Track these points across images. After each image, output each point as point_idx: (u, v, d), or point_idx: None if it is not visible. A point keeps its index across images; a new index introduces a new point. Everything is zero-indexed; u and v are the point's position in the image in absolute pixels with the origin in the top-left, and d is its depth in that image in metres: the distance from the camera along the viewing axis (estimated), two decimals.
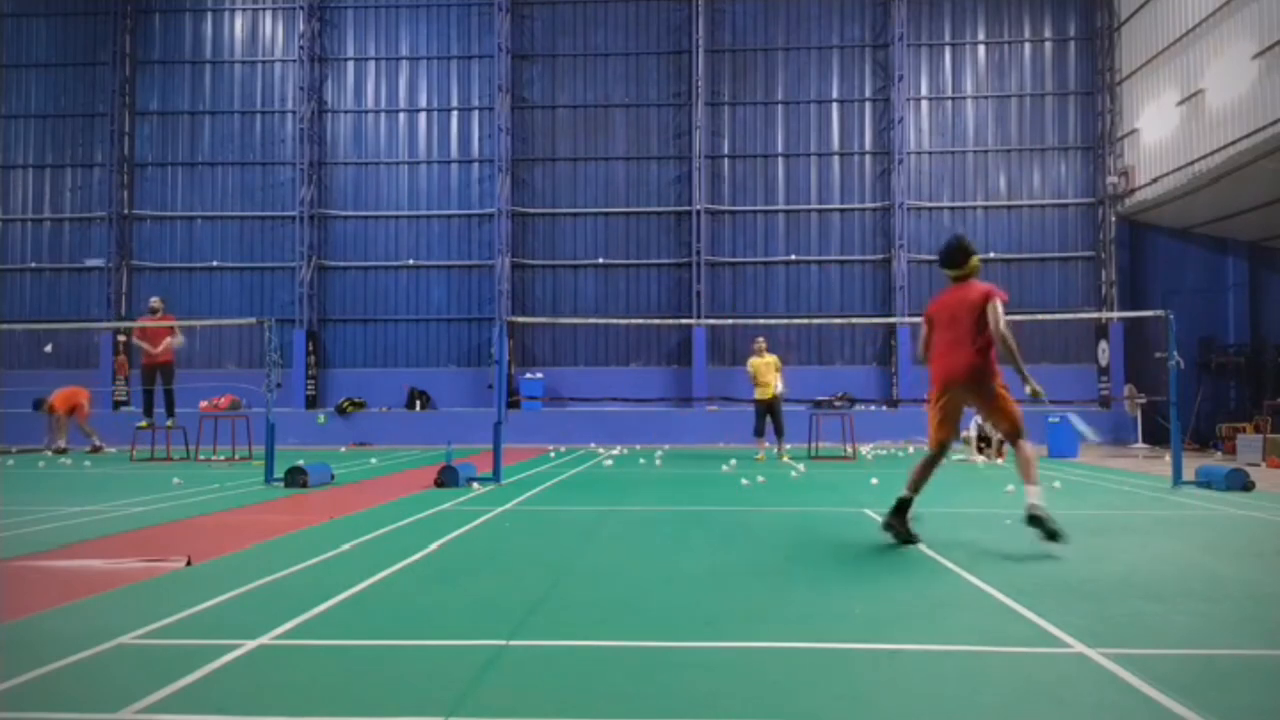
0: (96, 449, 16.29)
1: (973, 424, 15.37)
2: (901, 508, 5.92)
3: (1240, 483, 9.45)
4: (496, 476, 10.08)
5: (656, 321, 21.35)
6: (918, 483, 6.01)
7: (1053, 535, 5.49)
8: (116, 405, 21.97)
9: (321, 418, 21.53)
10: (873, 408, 21.26)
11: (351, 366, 22.89)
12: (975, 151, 22.40)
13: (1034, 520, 5.57)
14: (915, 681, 3.08)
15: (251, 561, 5.27)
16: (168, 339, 14.32)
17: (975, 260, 6.11)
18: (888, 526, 5.94)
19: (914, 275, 21.94)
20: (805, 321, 21.18)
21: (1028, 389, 5.81)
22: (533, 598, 4.34)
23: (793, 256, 22.48)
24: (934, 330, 6.17)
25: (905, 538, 5.87)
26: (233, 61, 23.49)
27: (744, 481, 10.46)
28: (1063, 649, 3.46)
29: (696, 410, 21.37)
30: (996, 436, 14.85)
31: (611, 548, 6.00)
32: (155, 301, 15.01)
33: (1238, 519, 7.44)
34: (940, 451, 6.05)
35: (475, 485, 9.85)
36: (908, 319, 20.83)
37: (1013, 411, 5.93)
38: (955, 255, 6.13)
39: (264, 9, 23.55)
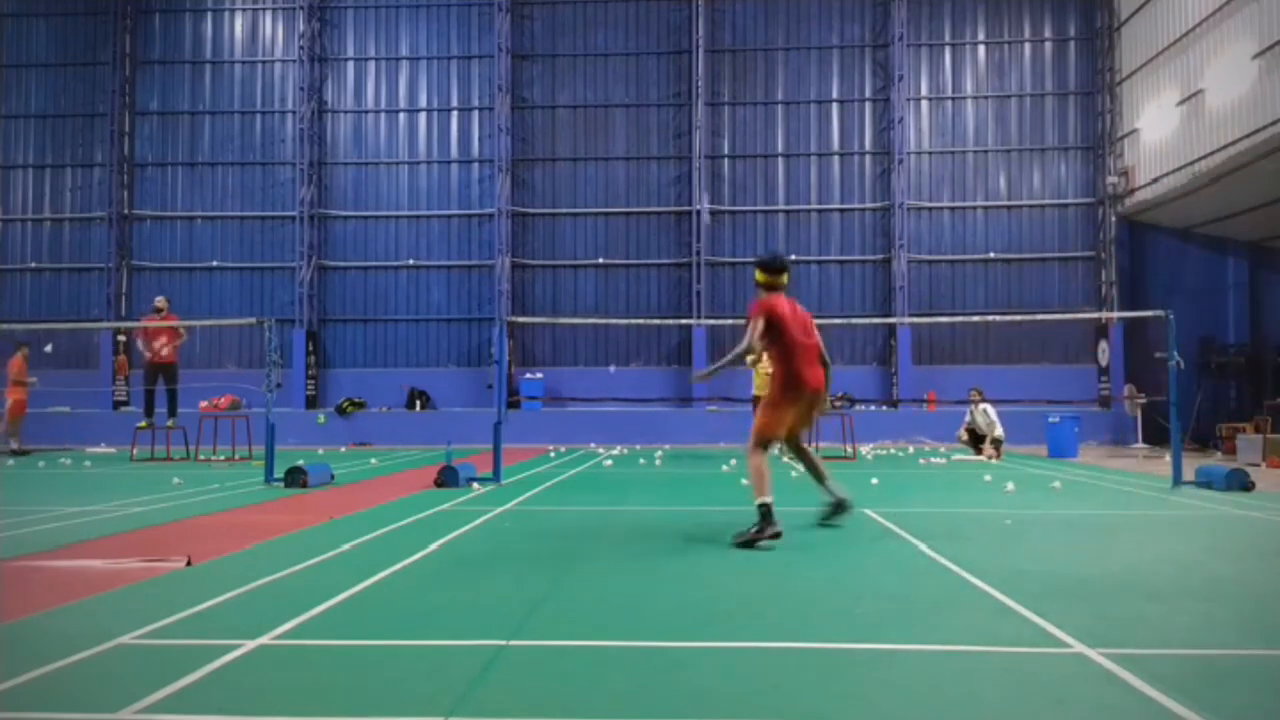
0: None
1: (970, 417, 15.37)
2: None
3: (1240, 483, 9.44)
4: (496, 476, 10.08)
5: (656, 321, 21.34)
6: None
7: None
8: (116, 405, 21.97)
9: (321, 418, 21.53)
10: (873, 408, 21.25)
11: (351, 366, 22.89)
12: (975, 151, 22.38)
13: None
14: (915, 681, 3.08)
15: (251, 561, 5.27)
16: (165, 339, 14.27)
17: None
18: None
19: (914, 275, 21.93)
20: None
21: None
22: (533, 598, 4.34)
23: (793, 256, 22.41)
24: None
25: None
26: (233, 61, 23.48)
27: (744, 481, 10.43)
28: (1063, 649, 3.46)
29: (696, 410, 21.36)
30: (992, 435, 14.85)
31: (611, 547, 6.00)
32: (160, 301, 14.95)
33: (1238, 519, 7.44)
34: None
35: (475, 485, 9.85)
36: (908, 319, 20.82)
37: None
38: None
39: (264, 9, 23.54)
